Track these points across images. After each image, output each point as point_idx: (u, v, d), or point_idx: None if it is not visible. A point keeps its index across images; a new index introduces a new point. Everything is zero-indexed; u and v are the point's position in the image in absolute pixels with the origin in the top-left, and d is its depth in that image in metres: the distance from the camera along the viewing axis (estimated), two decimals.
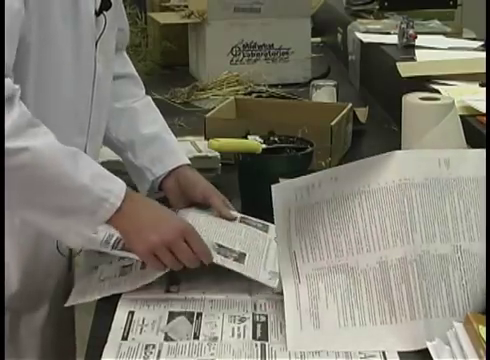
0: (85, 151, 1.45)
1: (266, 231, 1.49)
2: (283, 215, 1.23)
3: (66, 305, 1.34)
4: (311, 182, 1.23)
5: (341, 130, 2.00)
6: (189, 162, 1.61)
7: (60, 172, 1.26)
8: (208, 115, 2.08)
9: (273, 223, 1.45)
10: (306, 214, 1.23)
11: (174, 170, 1.58)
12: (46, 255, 1.49)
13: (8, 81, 1.24)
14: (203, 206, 1.53)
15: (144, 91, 1.70)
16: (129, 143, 1.61)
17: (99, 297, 1.32)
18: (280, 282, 1.26)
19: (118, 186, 1.31)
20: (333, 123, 1.93)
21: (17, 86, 1.26)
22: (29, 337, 1.52)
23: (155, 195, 1.57)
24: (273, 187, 1.22)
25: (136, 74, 1.71)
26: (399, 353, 1.16)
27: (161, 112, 1.69)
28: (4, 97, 1.21)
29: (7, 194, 1.25)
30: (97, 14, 1.43)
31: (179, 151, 1.63)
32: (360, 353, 1.16)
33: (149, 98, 1.70)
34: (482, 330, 1.08)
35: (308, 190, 1.23)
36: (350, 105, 2.10)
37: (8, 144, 1.21)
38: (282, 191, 1.23)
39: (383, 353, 1.16)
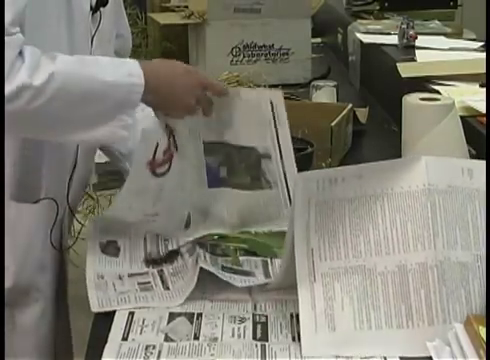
0: (77, 150, 1.54)
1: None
2: (302, 206, 1.21)
3: (93, 310, 1.31)
4: (335, 176, 1.21)
5: (341, 131, 2.00)
6: None
7: (88, 80, 1.33)
8: None
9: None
10: (327, 211, 1.21)
11: None
12: (39, 249, 1.51)
13: (19, 37, 1.29)
14: None
15: None
16: (128, 154, 1.66)
17: (127, 308, 1.30)
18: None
19: (132, 65, 1.38)
20: (333, 124, 1.93)
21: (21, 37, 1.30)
22: (24, 332, 1.54)
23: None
24: (296, 176, 1.21)
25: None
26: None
27: None
28: (4, 96, 1.23)
29: (51, 127, 1.33)
30: (93, 11, 1.44)
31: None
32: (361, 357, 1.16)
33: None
34: (482, 331, 1.08)
35: (331, 183, 1.21)
36: (350, 106, 2.10)
37: (35, 80, 1.27)
38: (305, 180, 1.21)
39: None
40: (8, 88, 1.26)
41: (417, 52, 2.48)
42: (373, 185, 1.21)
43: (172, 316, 1.26)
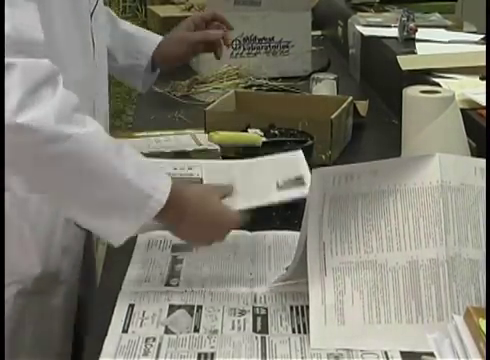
0: (94, 117, 1.44)
1: None
2: (318, 200, 1.21)
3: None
4: (351, 173, 1.21)
5: (341, 123, 2.00)
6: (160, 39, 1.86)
7: (107, 164, 1.20)
8: (208, 108, 2.08)
9: (273, 215, 1.46)
10: (340, 205, 1.21)
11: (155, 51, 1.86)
12: (62, 233, 1.50)
13: (43, 61, 1.19)
14: None
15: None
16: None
17: None
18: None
19: (164, 182, 1.25)
20: (333, 116, 1.93)
21: (56, 67, 1.21)
22: (47, 319, 1.53)
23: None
24: (314, 170, 1.21)
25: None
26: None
27: (161, 105, 1.70)
28: (4, 95, 1.21)
29: (51, 185, 1.19)
30: None
31: (148, 35, 1.88)
32: (361, 350, 1.16)
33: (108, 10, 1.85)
34: (482, 323, 1.08)
35: (347, 179, 1.21)
36: (350, 98, 2.10)
37: (53, 128, 1.15)
38: (321, 176, 1.21)
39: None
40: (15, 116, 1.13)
41: (417, 45, 2.48)
42: (387, 181, 1.21)
43: (172, 308, 1.26)
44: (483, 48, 2.31)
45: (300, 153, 1.45)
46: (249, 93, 2.35)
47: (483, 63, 2.03)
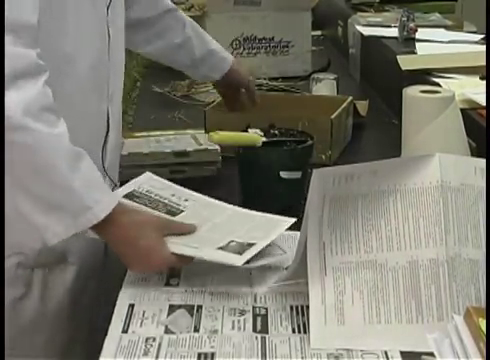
0: (108, 116, 1.53)
1: None
2: (317, 201, 1.21)
3: None
4: (351, 173, 1.21)
5: (341, 123, 2.00)
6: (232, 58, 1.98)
7: (55, 167, 1.25)
8: (208, 108, 2.08)
9: (273, 215, 1.45)
10: (340, 206, 1.21)
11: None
12: None
13: (29, 53, 1.25)
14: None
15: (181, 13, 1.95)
16: (190, 65, 1.92)
17: None
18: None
19: (109, 199, 1.30)
20: (333, 116, 1.93)
21: (42, 63, 1.26)
22: (56, 295, 1.53)
23: None
24: (314, 171, 1.21)
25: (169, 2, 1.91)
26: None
27: (161, 105, 1.70)
28: (4, 94, 1.22)
29: (6, 169, 1.25)
30: None
31: (224, 54, 1.98)
32: (361, 350, 1.16)
33: (190, 20, 1.95)
34: (482, 323, 1.08)
35: (347, 180, 1.21)
36: (350, 98, 2.10)
37: (17, 119, 1.21)
38: (321, 176, 1.21)
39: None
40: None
41: (417, 45, 2.48)
42: (387, 181, 1.21)
43: (172, 308, 1.26)
44: (483, 48, 2.31)
45: (292, 220, 1.41)
46: None
47: (483, 63, 2.03)
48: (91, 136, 1.50)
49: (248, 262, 1.32)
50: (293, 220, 1.40)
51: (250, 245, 1.33)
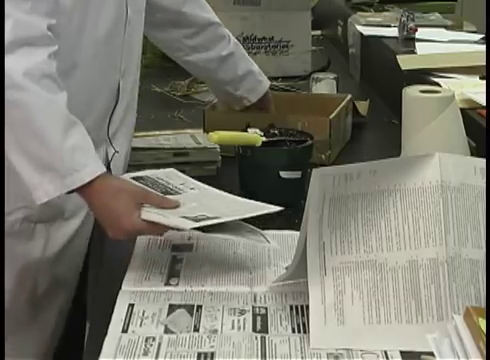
0: (118, 87, 1.59)
1: None
2: (317, 201, 1.21)
3: None
4: (350, 172, 1.21)
5: (340, 123, 2.00)
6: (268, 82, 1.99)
7: (49, 130, 1.32)
8: (207, 108, 2.08)
9: (273, 215, 1.45)
10: (340, 206, 1.21)
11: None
12: None
13: (40, 24, 1.34)
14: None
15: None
16: (230, 81, 1.91)
17: None
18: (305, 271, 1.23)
19: (96, 165, 1.35)
20: (331, 116, 1.93)
21: (52, 36, 1.34)
22: (57, 249, 1.58)
23: None
24: (314, 171, 1.21)
25: (214, 15, 1.93)
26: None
27: (161, 105, 1.70)
28: (4, 93, 1.23)
29: (6, 126, 1.32)
30: None
31: (261, 76, 1.98)
32: (361, 350, 1.16)
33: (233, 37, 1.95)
34: (482, 323, 1.08)
35: (346, 180, 1.21)
36: (349, 96, 2.10)
37: (17, 78, 1.30)
38: (321, 176, 1.21)
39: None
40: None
41: (417, 44, 2.48)
42: (387, 181, 1.21)
43: (172, 308, 1.26)
44: (483, 48, 2.31)
45: (276, 208, 1.41)
46: None
47: (483, 63, 2.03)
48: (101, 103, 1.57)
49: (213, 232, 1.33)
50: (277, 208, 1.41)
51: (214, 218, 1.34)
